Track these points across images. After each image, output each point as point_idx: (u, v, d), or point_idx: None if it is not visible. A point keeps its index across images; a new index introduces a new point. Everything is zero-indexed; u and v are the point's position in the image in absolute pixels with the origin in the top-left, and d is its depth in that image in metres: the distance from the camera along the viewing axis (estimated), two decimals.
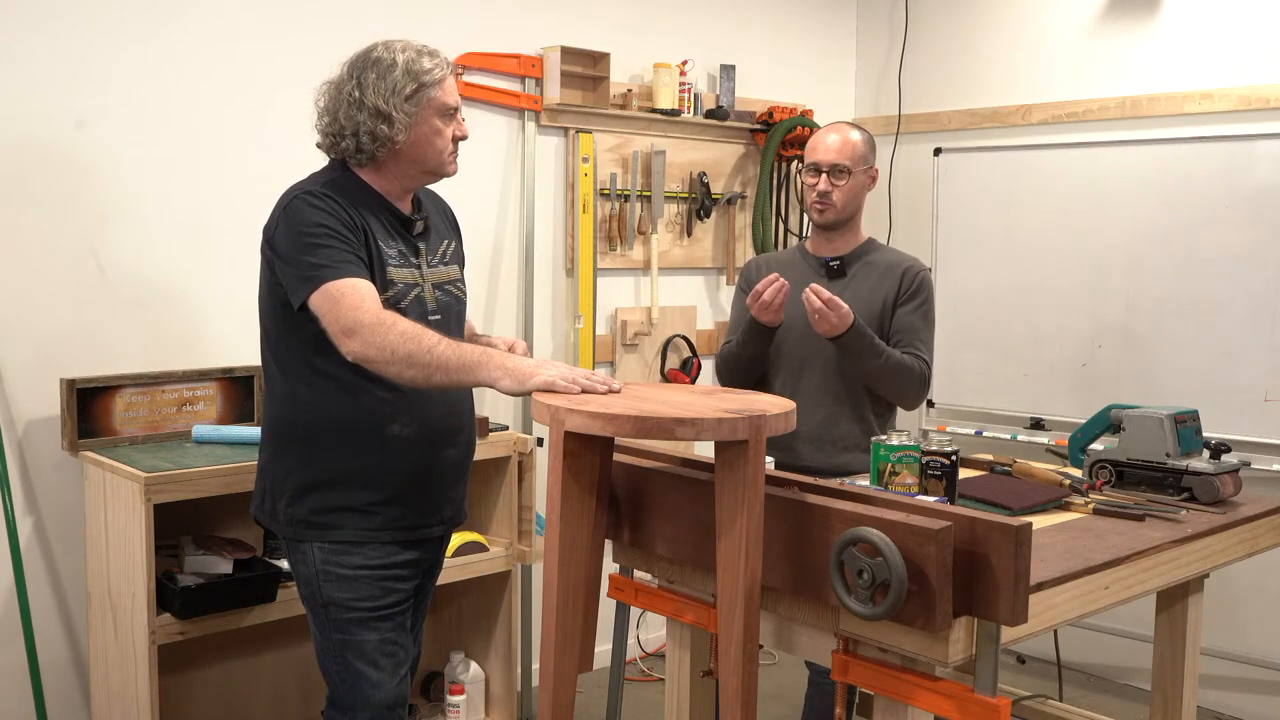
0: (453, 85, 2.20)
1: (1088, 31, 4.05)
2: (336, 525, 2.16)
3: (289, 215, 2.11)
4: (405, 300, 2.17)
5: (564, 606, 1.81)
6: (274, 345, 2.21)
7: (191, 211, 3.04)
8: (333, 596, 2.17)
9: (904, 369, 2.68)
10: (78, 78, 2.85)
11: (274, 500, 2.22)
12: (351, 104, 2.13)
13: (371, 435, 2.15)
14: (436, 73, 2.15)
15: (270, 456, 2.24)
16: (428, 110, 2.15)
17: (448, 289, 2.29)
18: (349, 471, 2.16)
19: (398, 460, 2.18)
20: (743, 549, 1.70)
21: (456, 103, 2.21)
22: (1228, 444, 2.56)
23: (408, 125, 2.13)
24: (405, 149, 2.16)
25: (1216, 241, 3.58)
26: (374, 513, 2.17)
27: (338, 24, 3.24)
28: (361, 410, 2.14)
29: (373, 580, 2.18)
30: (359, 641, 2.18)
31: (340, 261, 2.04)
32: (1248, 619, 3.73)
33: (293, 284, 2.08)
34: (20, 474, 2.83)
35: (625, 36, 3.92)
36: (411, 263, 2.22)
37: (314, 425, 2.16)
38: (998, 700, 1.65)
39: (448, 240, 2.35)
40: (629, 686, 3.82)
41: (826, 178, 2.74)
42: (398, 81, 2.12)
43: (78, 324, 2.88)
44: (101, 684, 2.82)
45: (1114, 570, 1.96)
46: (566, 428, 1.72)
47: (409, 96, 2.12)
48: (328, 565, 2.16)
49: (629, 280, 4.05)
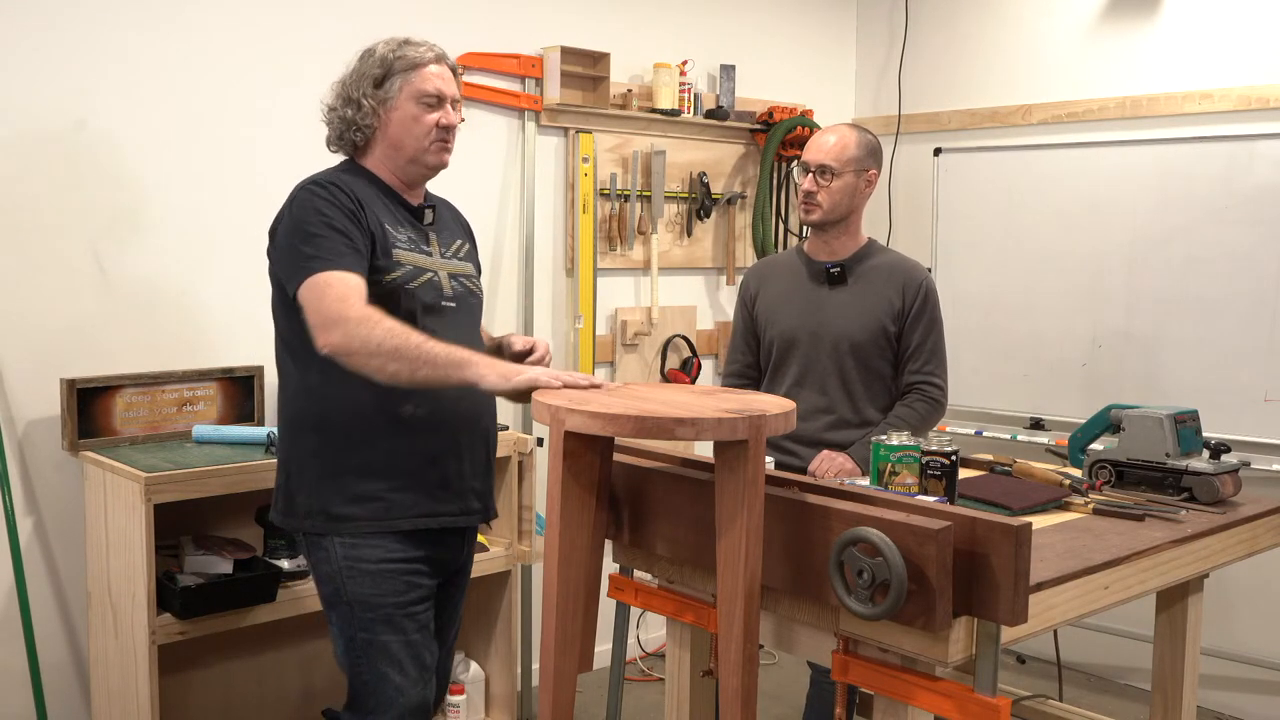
0: (435, 73, 2.19)
1: (1088, 31, 4.05)
2: (355, 517, 2.14)
3: (292, 205, 2.13)
4: (415, 282, 2.15)
5: (564, 606, 1.81)
6: (285, 336, 2.20)
7: (192, 211, 3.04)
8: (356, 593, 2.14)
9: (927, 421, 2.76)
10: (79, 77, 2.85)
11: (292, 495, 2.19)
12: (337, 97, 2.22)
13: (386, 418, 2.13)
14: (412, 57, 2.17)
15: (287, 451, 2.23)
16: (401, 96, 2.16)
17: (464, 281, 2.28)
18: (366, 458, 2.14)
19: (414, 443, 2.15)
20: (743, 549, 1.70)
21: (437, 90, 2.19)
22: (1228, 444, 2.56)
23: (374, 110, 2.16)
24: (384, 136, 2.19)
25: (1216, 241, 3.58)
26: (393, 500, 2.15)
27: (338, 24, 3.24)
28: (375, 393, 2.08)
29: (395, 575, 2.15)
30: (384, 642, 2.15)
31: (333, 254, 2.04)
32: (1247, 619, 3.73)
33: (286, 272, 2.09)
34: (20, 474, 2.83)
35: (625, 36, 3.92)
36: (423, 249, 2.21)
37: (328, 413, 2.15)
38: (998, 700, 1.65)
39: (461, 240, 2.35)
40: (629, 686, 3.82)
41: (813, 177, 2.75)
42: (368, 69, 2.17)
43: (78, 324, 2.88)
44: (101, 684, 2.82)
45: (1114, 570, 1.96)
46: (566, 428, 1.72)
47: (376, 82, 2.16)
48: (350, 560, 2.14)
49: (629, 280, 4.05)
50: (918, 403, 2.75)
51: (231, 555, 2.77)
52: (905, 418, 2.72)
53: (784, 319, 2.82)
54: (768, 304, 2.87)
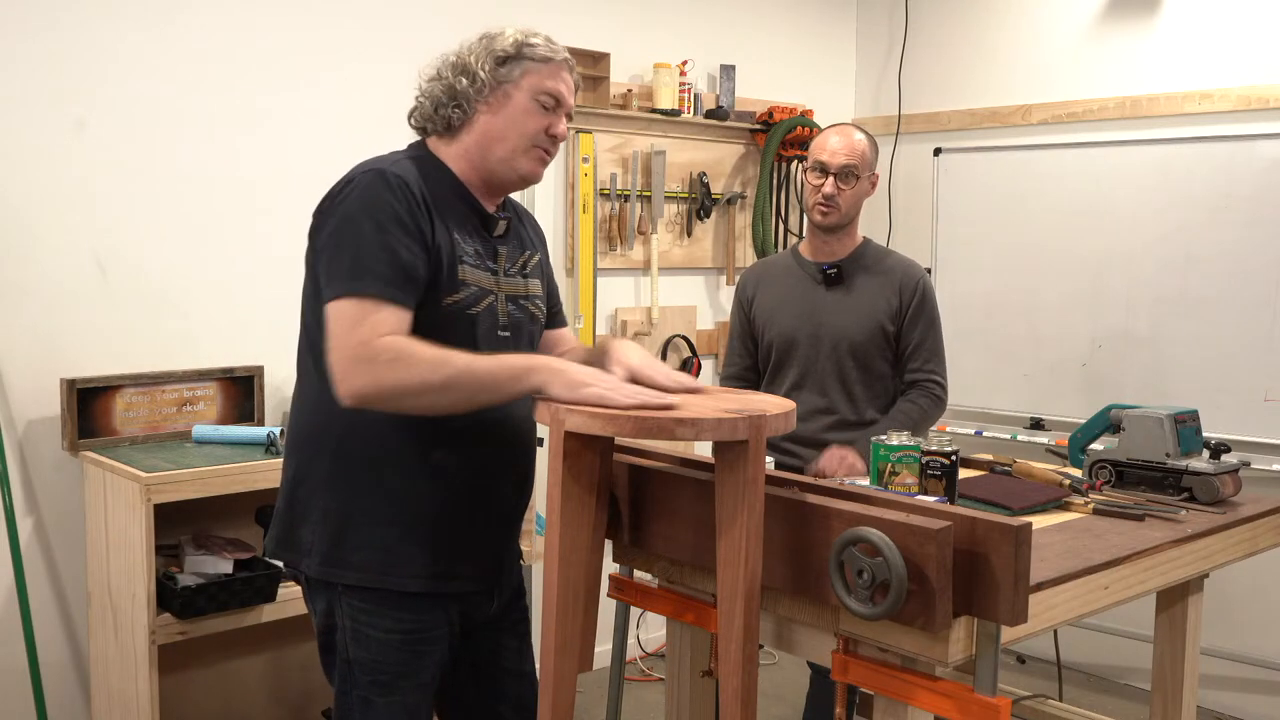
0: (560, 74, 1.93)
1: (1088, 31, 4.05)
2: (362, 566, 1.84)
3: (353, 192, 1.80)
4: (478, 306, 1.86)
5: (564, 607, 1.81)
6: (312, 333, 1.84)
7: (192, 211, 3.04)
8: (358, 656, 1.88)
9: (929, 417, 2.76)
10: (78, 77, 2.85)
11: (293, 526, 1.90)
12: (446, 65, 1.93)
13: (414, 457, 1.84)
14: (542, 50, 1.91)
15: (295, 470, 1.91)
16: (523, 84, 1.89)
17: (523, 304, 1.97)
18: (384, 499, 1.84)
19: (439, 490, 1.86)
20: (743, 549, 1.70)
21: (560, 93, 1.92)
22: (1228, 444, 2.56)
23: (488, 87, 1.88)
24: (485, 123, 1.89)
25: (1216, 241, 3.58)
26: (407, 554, 1.85)
27: (337, 24, 3.24)
28: (407, 427, 1.81)
29: (403, 645, 1.87)
30: (381, 704, 1.89)
31: (381, 278, 1.73)
32: (1247, 619, 3.73)
33: (325, 273, 1.78)
34: (20, 474, 2.83)
35: (625, 36, 3.92)
36: (488, 266, 1.91)
37: (348, 438, 1.84)
38: (998, 700, 1.65)
39: (531, 251, 2.04)
40: (629, 686, 3.82)
41: (834, 180, 2.71)
42: (497, 45, 1.90)
43: (78, 324, 2.88)
44: (101, 684, 2.82)
45: (1114, 570, 1.96)
46: (566, 428, 1.71)
47: (501, 60, 1.88)
48: (355, 624, 1.86)
49: (629, 280, 4.05)
50: (920, 399, 2.75)
51: (231, 555, 2.77)
52: (908, 413, 2.72)
53: (782, 320, 2.82)
54: (765, 306, 2.87)
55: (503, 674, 2.09)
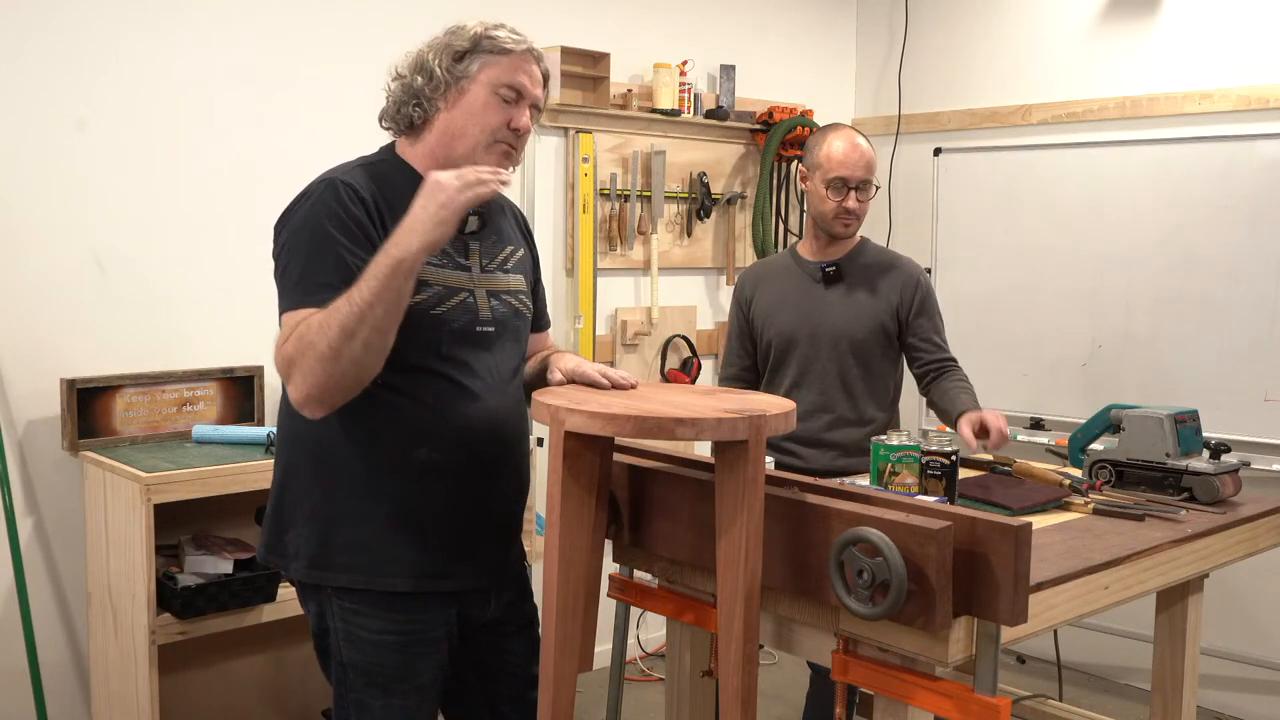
0: (522, 66, 1.89)
1: (1088, 31, 4.05)
2: (349, 567, 1.84)
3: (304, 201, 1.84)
4: (445, 305, 1.85)
5: (564, 607, 1.81)
6: None
7: (192, 211, 3.04)
8: (352, 659, 1.87)
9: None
10: (78, 77, 2.85)
11: (281, 530, 1.90)
12: (406, 63, 1.92)
13: (393, 460, 1.84)
14: (503, 41, 1.87)
15: (283, 472, 1.92)
16: (478, 79, 1.86)
17: (506, 299, 1.96)
18: (368, 502, 1.84)
19: (426, 490, 1.85)
20: (743, 549, 1.70)
21: (520, 84, 1.88)
22: (1228, 444, 2.56)
23: (444, 85, 1.86)
24: (444, 120, 1.88)
25: (1216, 241, 3.59)
26: (396, 556, 1.84)
27: (336, 24, 3.24)
28: (386, 426, 1.82)
29: (397, 647, 1.86)
30: (378, 707, 1.88)
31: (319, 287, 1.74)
32: (1248, 619, 3.73)
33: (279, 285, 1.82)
34: (20, 474, 2.83)
35: (625, 36, 3.92)
36: (458, 263, 1.90)
37: (326, 441, 1.84)
38: (998, 700, 1.65)
39: (513, 246, 2.03)
40: (629, 686, 3.82)
41: (855, 194, 2.73)
42: (455, 41, 1.88)
43: (78, 324, 2.88)
44: (101, 684, 2.82)
45: (1114, 570, 1.96)
46: (566, 428, 1.71)
47: (458, 55, 1.86)
48: (346, 626, 1.86)
49: (629, 280, 4.05)
50: (961, 377, 2.78)
51: (231, 555, 2.77)
52: (969, 389, 2.74)
53: (781, 320, 2.83)
54: (764, 306, 2.87)
55: (509, 678, 2.08)
